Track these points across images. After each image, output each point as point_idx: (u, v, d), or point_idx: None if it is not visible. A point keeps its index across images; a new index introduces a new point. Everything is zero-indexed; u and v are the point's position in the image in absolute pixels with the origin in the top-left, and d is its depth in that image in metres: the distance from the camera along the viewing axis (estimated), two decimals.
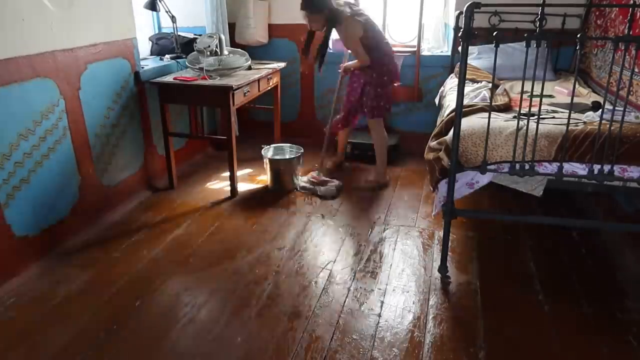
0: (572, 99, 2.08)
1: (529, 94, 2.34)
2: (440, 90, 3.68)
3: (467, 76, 2.12)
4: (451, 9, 3.95)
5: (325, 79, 4.30)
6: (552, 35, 2.33)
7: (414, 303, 2.18)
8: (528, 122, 2.02)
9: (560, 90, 2.98)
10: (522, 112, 2.04)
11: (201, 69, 3.16)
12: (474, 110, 2.44)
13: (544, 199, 2.22)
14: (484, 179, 2.19)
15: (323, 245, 2.66)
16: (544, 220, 2.78)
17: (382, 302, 2.19)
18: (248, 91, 3.31)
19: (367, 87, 3.29)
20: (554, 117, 2.30)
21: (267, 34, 4.27)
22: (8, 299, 2.19)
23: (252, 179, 3.60)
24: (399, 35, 4.12)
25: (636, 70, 2.45)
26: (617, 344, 1.93)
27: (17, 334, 1.98)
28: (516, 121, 2.10)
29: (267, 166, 3.36)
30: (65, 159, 2.57)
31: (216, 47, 3.30)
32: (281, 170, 3.33)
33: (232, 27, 4.12)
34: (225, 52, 3.43)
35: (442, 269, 2.36)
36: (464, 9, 1.96)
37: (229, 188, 3.30)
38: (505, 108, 2.52)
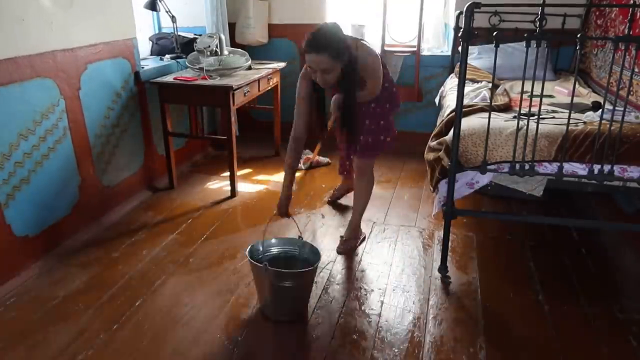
0: (572, 99, 2.08)
1: (529, 94, 2.34)
2: (440, 90, 3.68)
3: (467, 76, 2.12)
4: (451, 9, 3.96)
5: None
6: (552, 35, 2.32)
7: (414, 303, 2.18)
8: (528, 122, 2.02)
9: (560, 90, 2.98)
10: (522, 112, 2.04)
11: (201, 69, 3.16)
12: (474, 110, 2.44)
13: (544, 199, 2.22)
14: (484, 179, 2.19)
15: (323, 245, 2.66)
16: (544, 220, 2.78)
17: (382, 302, 2.19)
18: (248, 91, 3.31)
19: (367, 120, 2.45)
20: (554, 117, 2.30)
21: (267, 34, 4.28)
22: (8, 299, 2.19)
23: (252, 179, 3.60)
24: (399, 35, 4.12)
25: (636, 70, 2.45)
26: (617, 344, 1.93)
27: (17, 334, 1.98)
28: (516, 121, 2.10)
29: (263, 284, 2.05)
30: (66, 159, 2.57)
31: (216, 47, 3.31)
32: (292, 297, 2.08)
33: (232, 27, 4.12)
34: (225, 52, 3.43)
35: (442, 269, 2.36)
36: (464, 9, 1.96)
37: (229, 188, 3.29)
38: (505, 108, 2.52)
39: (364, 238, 2.74)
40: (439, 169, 2.21)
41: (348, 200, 3.27)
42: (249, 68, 3.49)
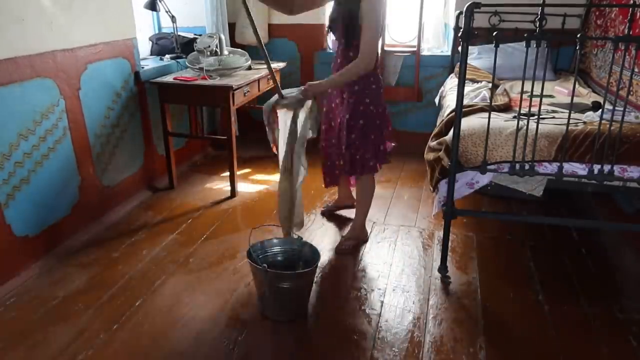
0: (572, 99, 2.08)
1: (529, 94, 2.34)
2: (440, 90, 3.68)
3: (467, 76, 2.12)
4: (451, 9, 3.96)
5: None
6: (552, 35, 2.33)
7: (414, 303, 2.18)
8: (528, 122, 2.02)
9: (560, 90, 2.98)
10: (522, 112, 2.04)
11: (201, 69, 3.16)
12: (474, 110, 2.44)
13: (544, 199, 2.23)
14: (484, 179, 2.19)
15: (323, 246, 2.65)
16: (544, 220, 2.78)
17: (382, 302, 2.19)
18: (248, 91, 3.31)
19: (344, 132, 2.39)
20: (554, 117, 2.30)
21: (267, 34, 4.28)
22: (8, 299, 2.19)
23: (252, 179, 3.60)
24: (399, 35, 4.12)
25: (636, 70, 2.45)
26: (617, 344, 1.93)
27: (17, 334, 1.98)
28: (516, 121, 2.10)
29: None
30: (65, 159, 2.57)
31: (216, 47, 3.31)
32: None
33: (232, 27, 4.12)
34: (225, 52, 3.43)
35: (442, 269, 2.36)
36: (464, 9, 1.96)
37: (229, 188, 3.29)
38: (505, 108, 2.52)
39: (366, 240, 2.71)
40: (439, 169, 2.21)
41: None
42: (249, 68, 3.49)
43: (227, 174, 3.32)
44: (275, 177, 3.58)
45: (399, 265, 2.48)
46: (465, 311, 2.13)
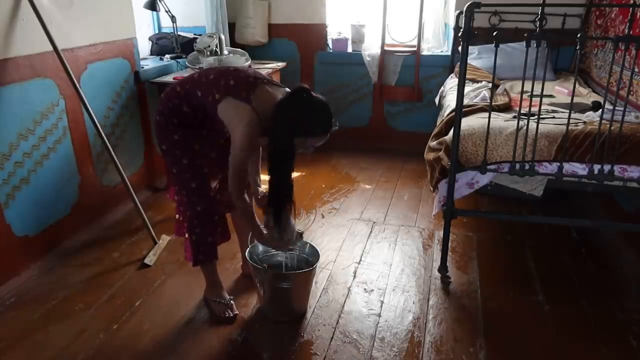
0: (572, 99, 2.08)
1: (529, 93, 2.34)
2: (440, 90, 3.68)
3: (467, 76, 2.12)
4: (451, 8, 3.96)
5: (326, 79, 4.30)
6: (552, 35, 2.33)
7: (414, 303, 2.18)
8: (528, 122, 2.02)
9: (560, 90, 2.98)
10: (522, 112, 2.04)
11: (201, 68, 3.15)
12: (474, 110, 2.44)
13: (544, 199, 2.23)
14: (484, 179, 2.19)
15: (323, 245, 2.65)
16: (544, 220, 2.78)
17: (382, 302, 2.18)
18: None
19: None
20: (554, 117, 2.30)
21: (267, 34, 4.27)
22: (8, 299, 2.19)
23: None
24: (399, 35, 4.12)
25: (636, 70, 2.44)
26: (617, 344, 1.93)
27: (17, 334, 1.98)
28: (516, 121, 2.10)
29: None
30: (65, 158, 2.57)
31: (216, 47, 3.30)
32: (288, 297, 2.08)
33: (232, 27, 4.12)
34: (225, 52, 3.43)
35: (442, 269, 2.36)
36: (464, 8, 1.96)
37: None
38: (505, 108, 2.52)
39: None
40: (439, 168, 2.21)
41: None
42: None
43: None
44: None
45: (399, 265, 2.48)
46: (465, 311, 2.13)
